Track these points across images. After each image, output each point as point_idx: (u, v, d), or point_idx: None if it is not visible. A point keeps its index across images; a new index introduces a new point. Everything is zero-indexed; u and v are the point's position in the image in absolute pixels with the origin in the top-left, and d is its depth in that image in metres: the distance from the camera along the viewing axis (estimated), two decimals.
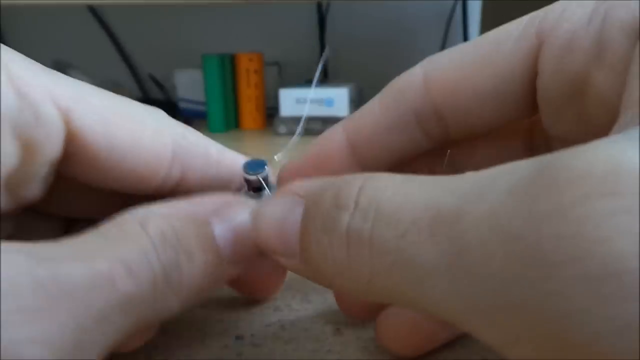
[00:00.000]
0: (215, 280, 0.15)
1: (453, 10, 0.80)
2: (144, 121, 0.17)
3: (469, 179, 0.10)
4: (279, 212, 0.14)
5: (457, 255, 0.10)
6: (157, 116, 0.18)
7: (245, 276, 0.18)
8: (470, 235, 0.09)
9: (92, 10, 0.81)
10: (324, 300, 0.21)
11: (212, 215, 0.15)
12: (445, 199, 0.10)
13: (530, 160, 0.10)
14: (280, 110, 0.59)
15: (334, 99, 0.58)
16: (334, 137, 0.18)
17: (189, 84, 0.70)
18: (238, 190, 0.19)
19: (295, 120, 0.59)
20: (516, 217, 0.09)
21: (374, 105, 0.17)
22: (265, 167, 0.18)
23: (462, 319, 0.10)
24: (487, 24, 0.74)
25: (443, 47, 0.82)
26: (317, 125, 0.58)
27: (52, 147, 0.15)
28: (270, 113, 0.65)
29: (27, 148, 0.14)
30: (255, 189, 0.18)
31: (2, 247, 0.11)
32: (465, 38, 0.80)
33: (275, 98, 0.60)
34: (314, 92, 0.58)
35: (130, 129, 0.16)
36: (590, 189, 0.08)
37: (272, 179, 0.19)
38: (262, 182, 0.18)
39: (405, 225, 0.10)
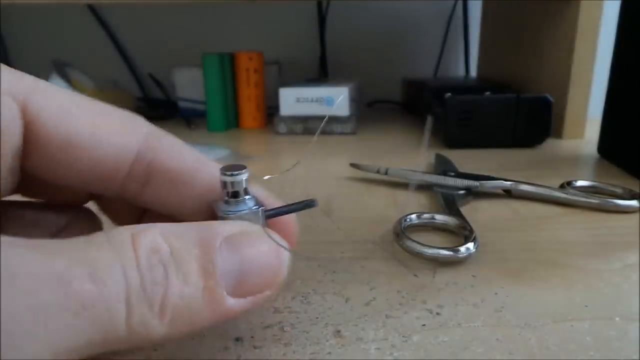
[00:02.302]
0: (214, 314, 0.14)
1: (453, 10, 0.80)
2: (108, 113, 0.17)
3: None
4: None
5: None
6: (128, 115, 0.17)
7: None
8: None
9: (92, 9, 0.80)
10: (324, 301, 0.21)
11: (223, 241, 0.14)
12: None
13: None
14: (280, 109, 0.59)
15: (334, 98, 0.58)
16: None
17: (188, 83, 0.70)
18: (216, 201, 0.18)
19: (296, 119, 0.59)
20: None
21: None
22: (244, 170, 0.17)
23: None
24: (488, 24, 0.74)
25: (443, 47, 0.82)
26: (317, 124, 0.58)
27: (11, 136, 0.15)
28: (270, 112, 0.65)
29: None
30: (232, 194, 0.17)
31: None
32: (466, 38, 0.80)
33: (275, 97, 0.60)
34: (314, 92, 0.58)
35: (92, 120, 0.16)
36: None
37: (263, 195, 0.18)
38: (239, 185, 0.17)
39: None
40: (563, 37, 0.52)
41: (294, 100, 0.58)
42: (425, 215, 0.29)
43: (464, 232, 0.27)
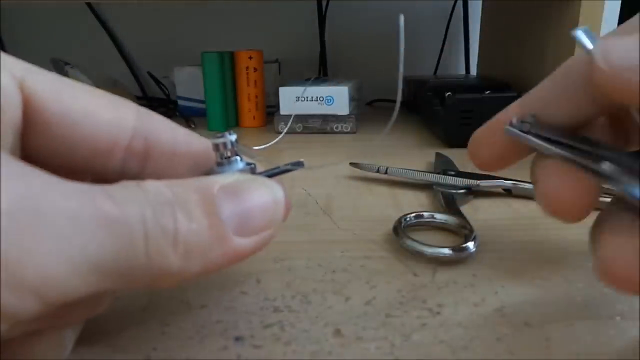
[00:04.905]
0: (223, 250, 0.15)
1: (453, 8, 0.80)
2: (100, 95, 0.17)
3: None
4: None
5: None
6: (118, 97, 0.18)
7: None
8: None
9: (91, 8, 0.80)
10: (324, 301, 0.21)
11: (220, 188, 0.15)
12: None
13: None
14: (280, 108, 0.59)
15: (334, 97, 0.57)
16: (510, 110, 0.22)
17: (188, 82, 0.70)
18: (212, 168, 0.18)
19: (296, 118, 0.59)
20: None
21: (546, 81, 0.20)
22: (232, 132, 0.18)
23: None
24: (488, 23, 0.73)
25: (443, 45, 0.82)
26: (317, 123, 0.58)
27: (12, 112, 0.15)
28: (270, 111, 0.65)
29: None
30: (224, 155, 0.18)
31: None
32: (466, 38, 0.80)
33: (275, 96, 0.60)
34: (314, 90, 0.58)
35: (84, 99, 0.17)
36: None
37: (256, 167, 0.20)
38: (229, 145, 0.18)
39: None
40: (563, 36, 0.52)
41: (293, 99, 0.58)
42: (425, 215, 0.29)
43: (464, 231, 0.27)
